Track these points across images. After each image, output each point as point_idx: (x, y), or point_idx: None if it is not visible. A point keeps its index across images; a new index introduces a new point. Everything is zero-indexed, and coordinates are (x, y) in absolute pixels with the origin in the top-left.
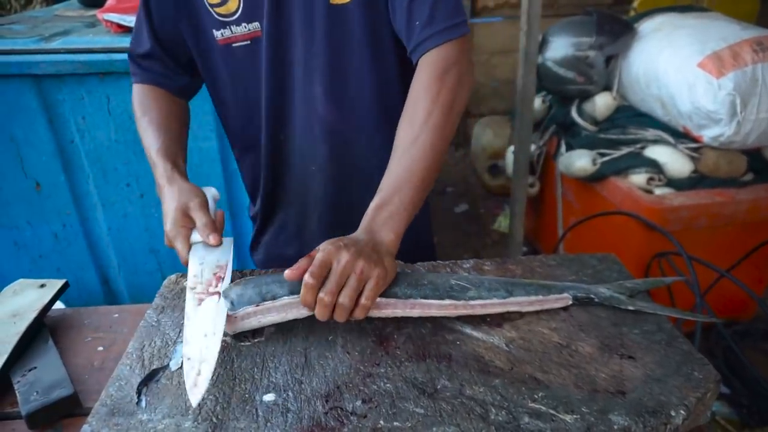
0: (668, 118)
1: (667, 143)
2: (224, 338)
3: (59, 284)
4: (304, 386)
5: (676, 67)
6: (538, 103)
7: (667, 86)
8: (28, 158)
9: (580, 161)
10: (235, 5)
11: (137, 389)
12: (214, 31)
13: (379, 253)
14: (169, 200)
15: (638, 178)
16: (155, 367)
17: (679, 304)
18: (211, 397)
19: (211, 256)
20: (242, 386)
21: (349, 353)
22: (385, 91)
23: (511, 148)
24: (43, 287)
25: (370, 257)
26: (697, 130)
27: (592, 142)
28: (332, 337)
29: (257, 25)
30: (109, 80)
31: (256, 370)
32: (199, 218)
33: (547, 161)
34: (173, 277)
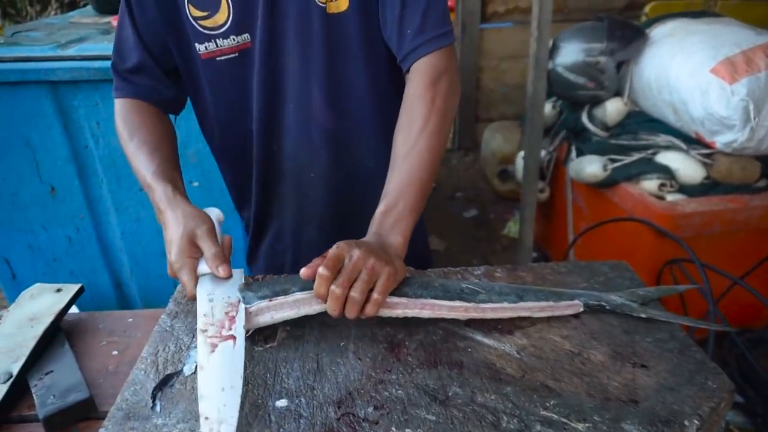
0: (680, 123)
1: (679, 149)
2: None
3: (75, 288)
4: (316, 392)
5: (688, 72)
6: (548, 108)
7: (679, 92)
8: (43, 163)
9: (590, 167)
10: (223, 18)
11: (152, 394)
12: (196, 44)
13: (389, 254)
14: (173, 226)
15: (650, 184)
16: (169, 372)
17: (691, 311)
18: None
19: (220, 289)
20: (255, 392)
21: (360, 359)
22: (380, 94)
23: (521, 153)
24: (59, 291)
25: (380, 255)
26: (709, 136)
27: (602, 147)
28: (344, 343)
29: (247, 36)
30: None
31: (268, 375)
32: (207, 248)
33: (557, 167)
34: None
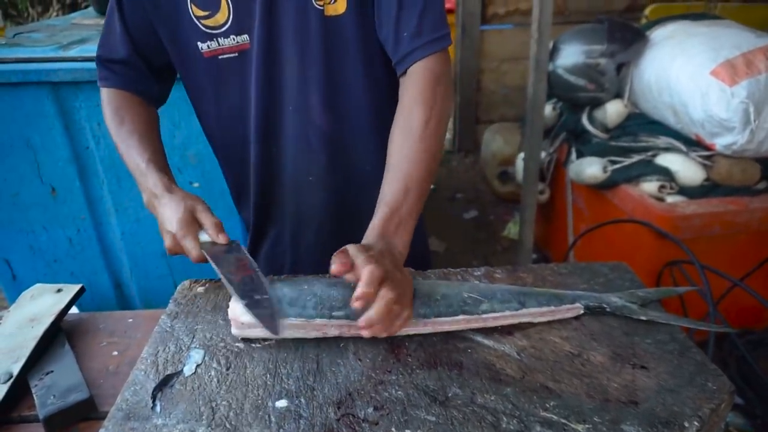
0: (680, 125)
1: (679, 151)
2: (236, 344)
3: (75, 289)
4: (316, 393)
5: (688, 74)
6: (548, 110)
7: (679, 94)
8: (44, 164)
9: (590, 168)
10: (223, 17)
11: (152, 394)
12: (199, 43)
13: (398, 265)
14: (172, 206)
15: (650, 185)
16: (169, 372)
17: (691, 313)
18: (224, 402)
19: (229, 255)
20: (255, 392)
21: (360, 360)
22: (378, 97)
23: (521, 154)
24: (59, 292)
25: (398, 280)
26: (709, 138)
27: (603, 149)
28: (344, 344)
29: (246, 37)
30: None
31: (268, 376)
32: (208, 219)
33: (557, 168)
34: (187, 282)
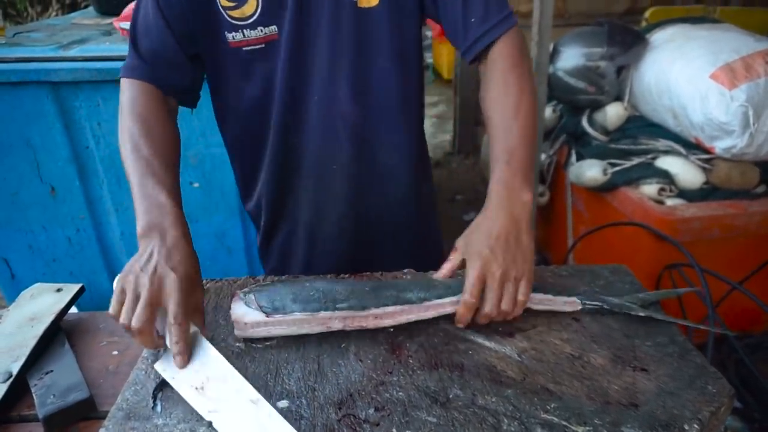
0: (680, 128)
1: (678, 154)
2: (237, 344)
3: (75, 288)
4: (317, 393)
5: (688, 78)
6: (548, 112)
7: (679, 97)
8: (44, 163)
9: (590, 171)
10: (251, 9)
11: (153, 394)
12: (225, 33)
13: (519, 237)
14: (175, 260)
15: (649, 188)
16: None
17: (690, 316)
18: None
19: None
20: None
21: (361, 361)
22: (405, 89)
23: None
24: (59, 291)
25: (515, 256)
26: (709, 141)
27: (602, 152)
28: (345, 344)
29: (274, 28)
30: None
31: (269, 376)
32: (179, 331)
33: (557, 171)
34: None
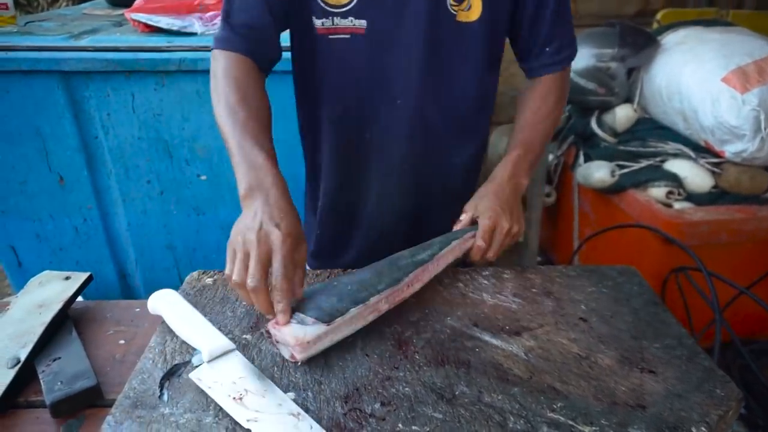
0: (690, 131)
1: (687, 157)
2: (244, 336)
3: (83, 277)
4: (323, 387)
5: (699, 80)
6: None
7: (689, 100)
8: (53, 153)
9: (598, 172)
10: None
11: (160, 383)
12: (314, 18)
13: (517, 206)
14: (279, 220)
15: (657, 191)
16: (177, 362)
17: (696, 320)
18: None
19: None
20: None
21: (368, 355)
22: (484, 95)
23: None
24: (68, 279)
25: (517, 218)
26: (719, 145)
27: (611, 153)
28: (351, 339)
29: (364, 22)
30: (134, 78)
31: (276, 369)
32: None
33: (564, 171)
34: (195, 273)
